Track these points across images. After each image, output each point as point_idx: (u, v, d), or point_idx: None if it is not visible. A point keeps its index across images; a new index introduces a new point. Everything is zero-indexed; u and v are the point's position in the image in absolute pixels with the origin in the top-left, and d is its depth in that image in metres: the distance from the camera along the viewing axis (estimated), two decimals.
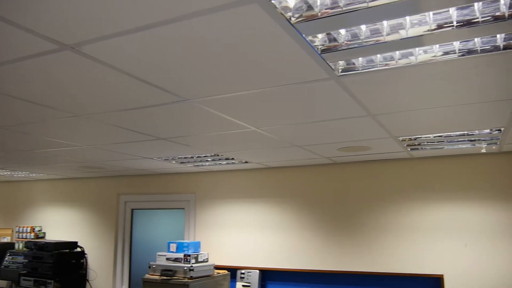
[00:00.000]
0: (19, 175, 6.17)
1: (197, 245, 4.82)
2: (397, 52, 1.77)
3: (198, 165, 4.81)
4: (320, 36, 1.63)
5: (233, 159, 4.35)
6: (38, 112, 2.56)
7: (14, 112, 2.57)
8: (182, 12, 1.36)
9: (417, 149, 3.86)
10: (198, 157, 4.24)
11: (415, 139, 3.41)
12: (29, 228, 6.31)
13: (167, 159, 4.37)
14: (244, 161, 4.47)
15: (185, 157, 4.26)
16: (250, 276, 4.99)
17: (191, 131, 3.07)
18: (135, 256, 5.89)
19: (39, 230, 6.36)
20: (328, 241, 4.63)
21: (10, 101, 2.34)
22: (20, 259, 5.98)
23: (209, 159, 4.40)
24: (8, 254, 6.19)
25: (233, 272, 5.11)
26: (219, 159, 4.39)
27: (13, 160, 4.66)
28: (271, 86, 2.07)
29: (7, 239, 6.61)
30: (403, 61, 1.83)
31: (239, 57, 1.71)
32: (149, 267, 4.70)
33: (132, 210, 5.93)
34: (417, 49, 1.74)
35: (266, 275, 4.97)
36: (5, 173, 5.84)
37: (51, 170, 5.49)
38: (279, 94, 2.21)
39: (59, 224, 6.40)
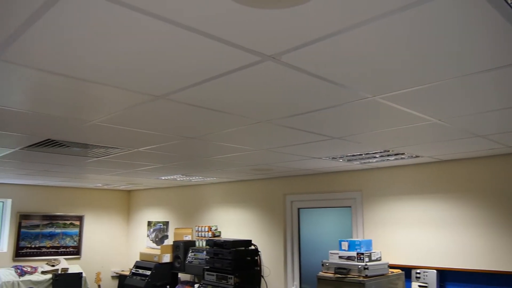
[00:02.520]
0: (195, 180, 6.81)
1: (369, 244, 4.75)
2: None
3: (365, 162, 4.74)
4: None
5: (403, 154, 4.18)
6: (227, 121, 2.78)
7: (201, 122, 2.83)
8: (384, 9, 1.34)
9: None
10: (366, 154, 4.17)
11: None
12: (206, 228, 6.93)
13: (335, 158, 4.39)
14: (414, 155, 4.27)
15: (353, 155, 4.24)
16: (426, 276, 4.75)
17: (367, 128, 3.03)
18: (304, 254, 6.04)
19: (215, 229, 6.94)
20: None
21: (202, 112, 2.59)
22: (201, 255, 6.59)
23: (377, 156, 4.30)
24: (190, 251, 6.87)
25: (407, 271, 4.91)
26: (388, 155, 4.27)
27: (192, 167, 5.15)
28: (468, 73, 1.93)
29: (188, 238, 7.35)
30: None
31: (443, 47, 1.63)
32: (322, 265, 4.78)
33: (299, 209, 6.11)
34: None
35: (445, 275, 4.67)
36: (184, 178, 6.50)
37: (224, 174, 5.94)
38: (474, 81, 2.05)
39: (231, 224, 6.90)
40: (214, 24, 1.43)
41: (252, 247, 6.04)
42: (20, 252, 7.87)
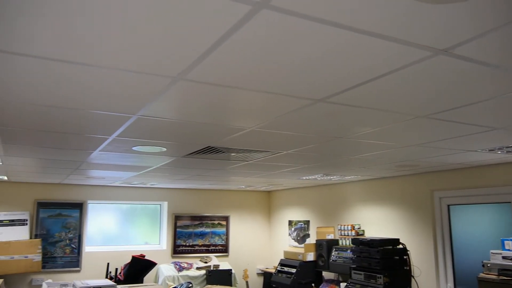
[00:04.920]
0: (335, 179, 6.82)
1: None
2: None
3: None
4: None
5: None
6: (382, 119, 2.76)
7: (355, 121, 2.84)
8: None
9: None
10: None
11: None
12: (349, 226, 6.89)
13: (493, 150, 4.06)
14: None
15: None
16: None
17: None
18: (457, 253, 5.68)
19: (358, 228, 6.87)
20: None
21: (358, 112, 2.60)
22: (345, 254, 6.57)
23: None
24: (334, 250, 6.90)
25: None
26: None
27: (335, 166, 5.17)
28: None
29: (331, 236, 7.39)
30: None
31: None
32: (483, 265, 4.46)
33: (448, 206, 5.76)
34: None
35: None
36: (324, 177, 6.56)
37: (365, 172, 5.86)
38: None
39: (374, 222, 6.76)
40: (388, 24, 1.45)
41: (400, 246, 5.85)
42: (176, 249, 8.67)
